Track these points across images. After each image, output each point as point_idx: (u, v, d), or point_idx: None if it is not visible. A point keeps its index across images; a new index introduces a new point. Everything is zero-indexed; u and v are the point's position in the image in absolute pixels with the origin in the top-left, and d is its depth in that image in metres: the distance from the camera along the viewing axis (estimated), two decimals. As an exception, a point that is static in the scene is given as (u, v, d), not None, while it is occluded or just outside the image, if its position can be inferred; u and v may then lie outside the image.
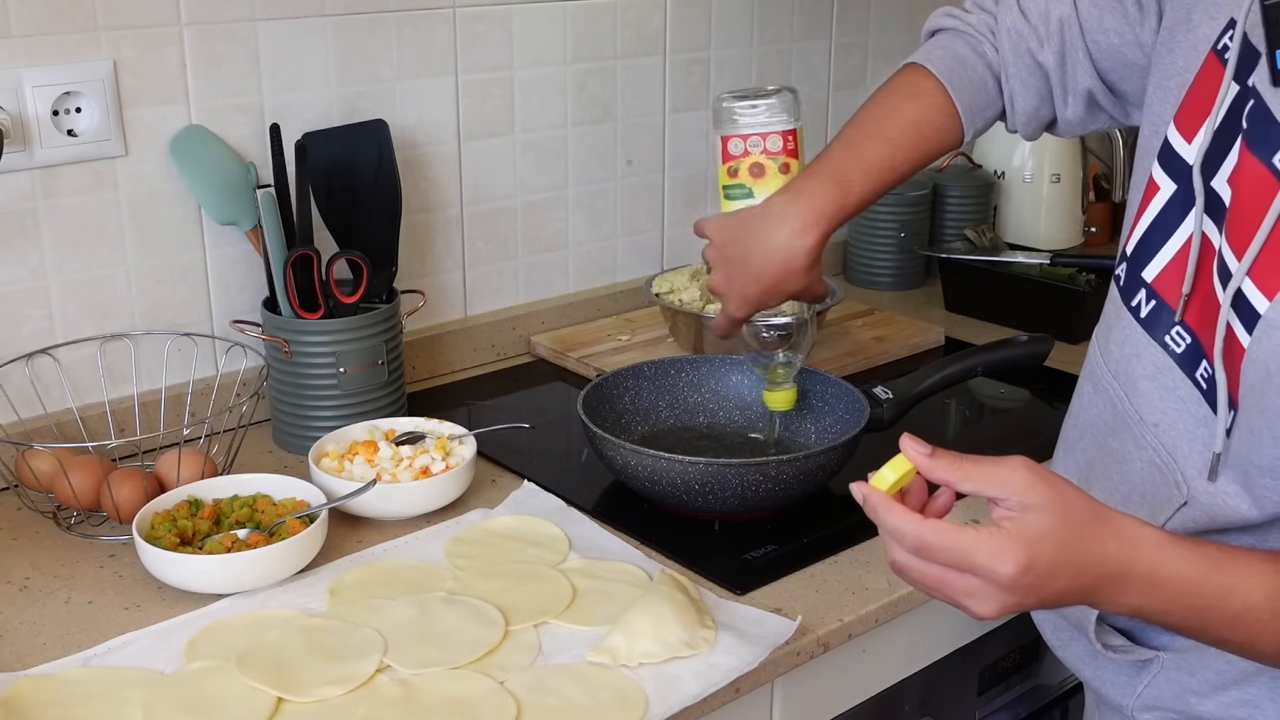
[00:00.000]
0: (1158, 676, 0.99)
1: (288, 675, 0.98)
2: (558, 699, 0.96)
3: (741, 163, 1.20)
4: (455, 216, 1.61)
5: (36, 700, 0.95)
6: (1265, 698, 0.93)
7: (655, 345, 1.66)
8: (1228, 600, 0.81)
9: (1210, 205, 0.91)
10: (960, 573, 0.79)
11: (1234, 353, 0.87)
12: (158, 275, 1.38)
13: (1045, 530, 0.78)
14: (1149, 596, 0.81)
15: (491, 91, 1.59)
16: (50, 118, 1.27)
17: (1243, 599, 0.80)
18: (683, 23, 1.75)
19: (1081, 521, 0.79)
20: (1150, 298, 0.96)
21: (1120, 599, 0.81)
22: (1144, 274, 0.97)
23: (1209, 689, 0.96)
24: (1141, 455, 0.96)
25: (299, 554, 1.11)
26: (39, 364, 1.31)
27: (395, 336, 1.40)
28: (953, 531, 0.78)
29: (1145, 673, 1.00)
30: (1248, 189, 0.87)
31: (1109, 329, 1.02)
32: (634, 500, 1.26)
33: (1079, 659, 1.07)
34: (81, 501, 1.20)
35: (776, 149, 1.19)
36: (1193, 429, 0.92)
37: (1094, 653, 1.03)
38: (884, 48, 2.01)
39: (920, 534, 0.78)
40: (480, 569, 1.14)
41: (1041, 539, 0.77)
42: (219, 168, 1.37)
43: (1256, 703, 0.94)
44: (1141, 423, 0.96)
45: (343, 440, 1.29)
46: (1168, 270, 0.95)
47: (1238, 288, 0.86)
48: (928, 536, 0.78)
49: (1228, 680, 0.95)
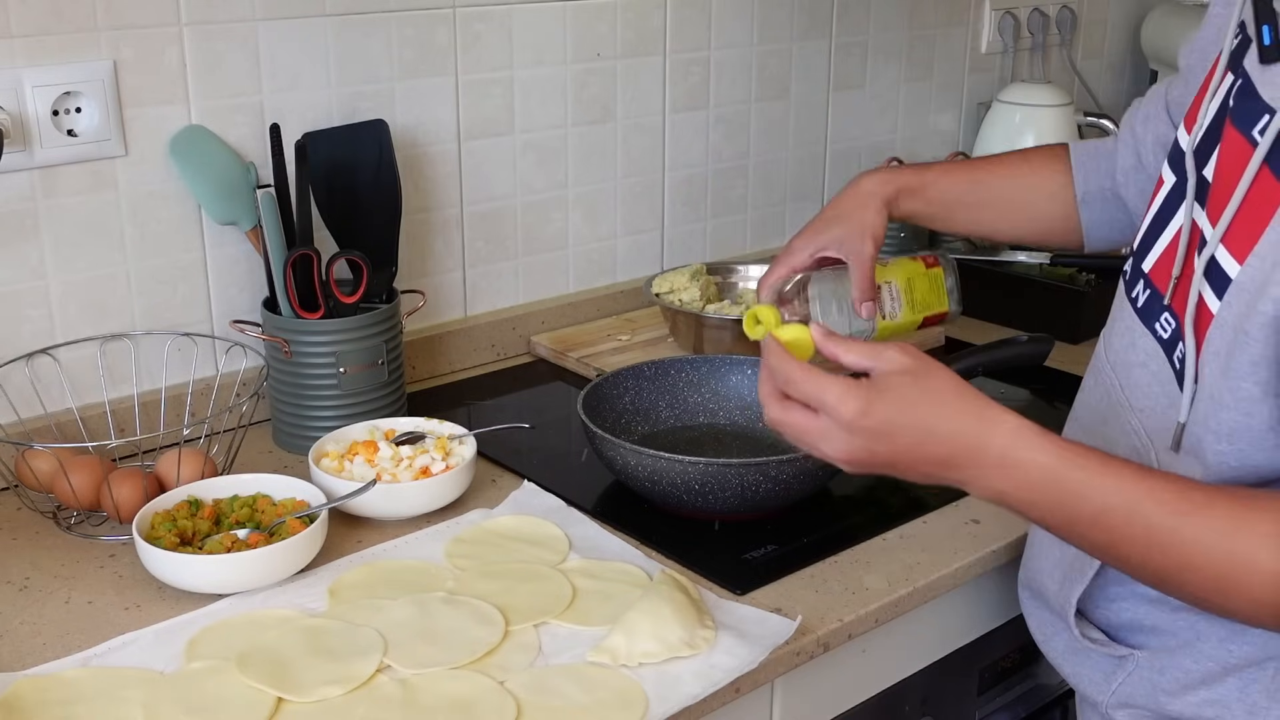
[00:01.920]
0: (1132, 675, 1.00)
1: (288, 675, 0.98)
2: (558, 699, 0.96)
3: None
4: (455, 216, 1.61)
5: (36, 700, 0.95)
6: (1234, 698, 0.94)
7: (655, 345, 1.66)
8: (1087, 498, 0.83)
9: (1200, 191, 0.92)
10: (815, 414, 0.87)
11: (1203, 321, 0.88)
12: (158, 275, 1.38)
13: (897, 386, 0.86)
14: (1008, 481, 0.85)
15: (491, 91, 1.59)
16: (50, 118, 1.27)
17: (1101, 499, 0.83)
18: (683, 23, 1.75)
19: (940, 390, 0.86)
20: (1146, 287, 0.98)
21: (982, 481, 0.86)
22: (1143, 265, 0.99)
23: (1178, 688, 0.97)
24: (1125, 441, 0.98)
25: (299, 554, 1.11)
26: (39, 364, 1.31)
27: (395, 336, 1.40)
28: (815, 373, 0.87)
29: (1120, 670, 1.01)
30: (1227, 162, 0.89)
31: (1113, 322, 1.05)
32: (634, 500, 1.26)
33: (1060, 654, 1.09)
34: (81, 501, 1.20)
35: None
36: (1165, 409, 0.94)
37: (1074, 648, 1.05)
38: (884, 48, 2.01)
39: (789, 372, 0.88)
40: (480, 569, 1.14)
41: (890, 390, 0.85)
42: (219, 168, 1.37)
43: (1225, 703, 0.95)
44: (1129, 409, 0.98)
45: (343, 440, 1.29)
46: (1161, 259, 0.96)
47: (1211, 255, 0.88)
48: (794, 374, 0.88)
49: (1195, 680, 0.96)
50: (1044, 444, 0.84)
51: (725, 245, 1.91)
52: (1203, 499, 0.83)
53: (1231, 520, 0.81)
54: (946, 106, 2.14)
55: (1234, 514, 0.81)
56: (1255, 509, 0.81)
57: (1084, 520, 0.84)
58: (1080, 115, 2.09)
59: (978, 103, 2.17)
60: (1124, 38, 2.39)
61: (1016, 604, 1.18)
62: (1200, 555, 0.82)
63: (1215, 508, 0.82)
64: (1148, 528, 0.82)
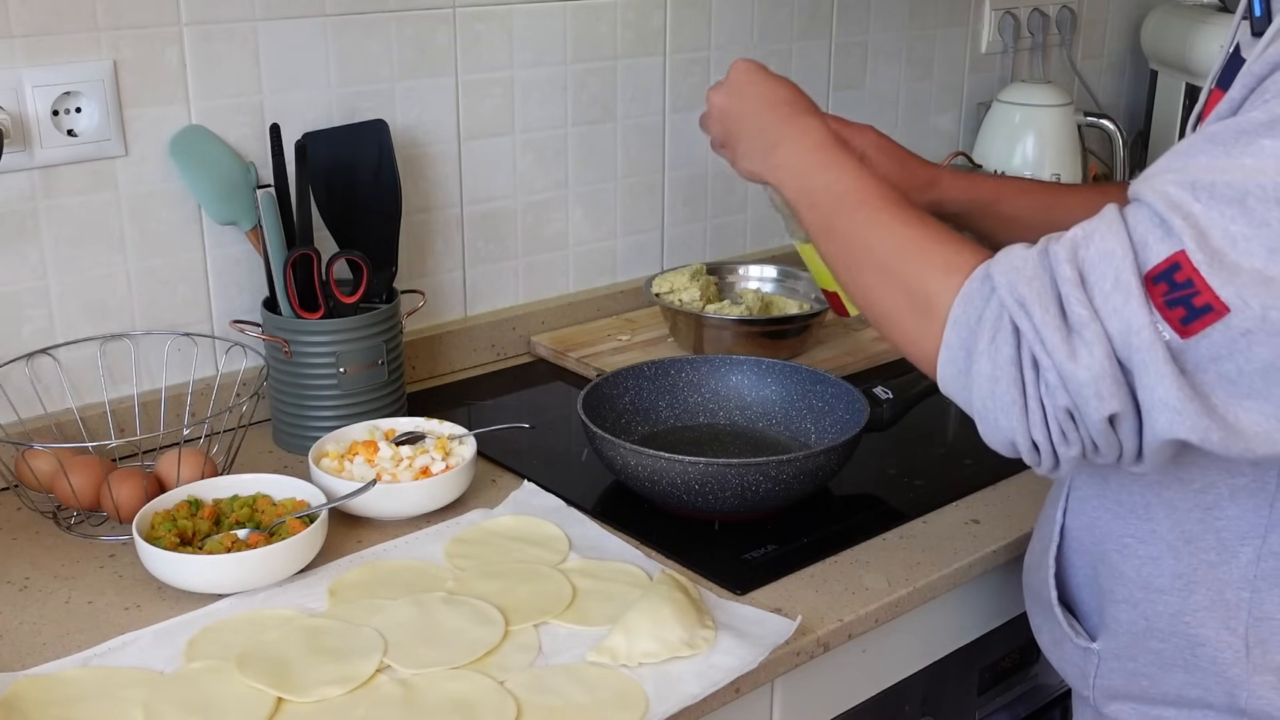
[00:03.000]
0: (1100, 666, 1.01)
1: (288, 675, 0.98)
2: (558, 699, 0.96)
3: None
4: (455, 216, 1.61)
5: (36, 700, 0.95)
6: (1212, 681, 0.95)
7: (655, 345, 1.66)
8: (841, 180, 1.00)
9: None
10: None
11: None
12: (158, 275, 1.38)
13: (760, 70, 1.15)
14: (805, 142, 1.05)
15: (491, 91, 1.59)
16: (50, 118, 1.27)
17: (850, 180, 1.00)
18: (683, 23, 1.75)
19: (785, 86, 1.13)
20: None
21: (791, 139, 1.07)
22: None
23: (1155, 669, 0.97)
24: None
25: (299, 554, 1.11)
26: (39, 364, 1.31)
27: (395, 336, 1.40)
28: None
29: (1088, 663, 1.03)
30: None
31: None
32: (634, 500, 1.26)
33: (1048, 645, 1.10)
34: (81, 501, 1.20)
35: None
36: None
37: (1057, 638, 1.06)
38: (884, 48, 2.01)
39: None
40: (480, 569, 1.14)
41: (756, 69, 1.15)
42: (219, 168, 1.37)
43: (1205, 685, 0.95)
44: None
45: (343, 440, 1.29)
46: None
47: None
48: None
49: (1167, 661, 0.96)
50: (830, 133, 1.06)
51: (725, 245, 1.91)
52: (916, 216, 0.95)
53: (926, 239, 0.92)
54: (946, 106, 2.14)
55: (928, 235, 0.93)
56: (940, 242, 0.92)
57: (839, 209, 0.99)
58: (1080, 115, 2.09)
59: (978, 103, 2.17)
60: (1124, 38, 2.39)
61: (1016, 604, 1.18)
62: (894, 258, 0.93)
63: (922, 225, 0.94)
64: (871, 214, 0.97)
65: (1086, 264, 0.80)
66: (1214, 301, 0.75)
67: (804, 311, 1.64)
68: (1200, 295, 0.76)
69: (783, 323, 1.61)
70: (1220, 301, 0.75)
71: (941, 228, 0.94)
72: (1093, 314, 0.79)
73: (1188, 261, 0.76)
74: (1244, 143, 0.77)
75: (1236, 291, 0.75)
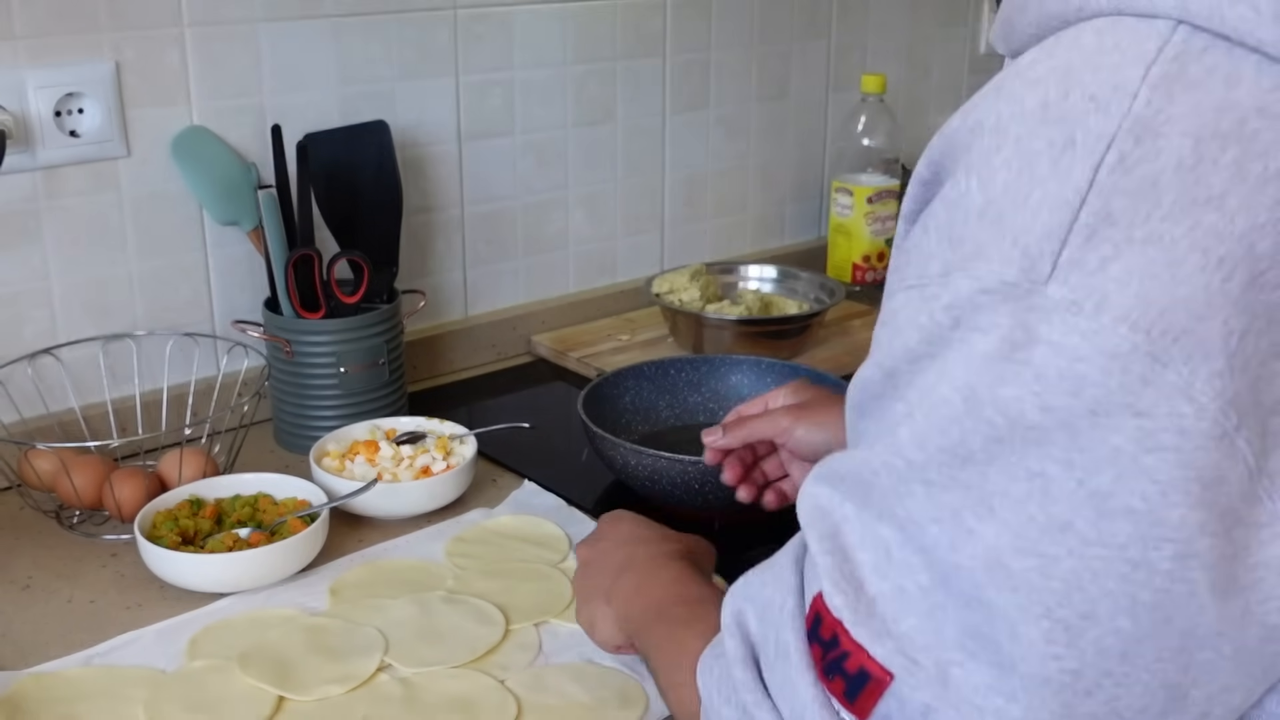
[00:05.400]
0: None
1: (289, 674, 0.98)
2: (558, 698, 0.96)
3: None
4: (456, 217, 1.61)
5: (39, 699, 0.96)
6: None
7: (655, 345, 1.67)
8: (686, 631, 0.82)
9: None
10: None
11: None
12: (160, 276, 1.39)
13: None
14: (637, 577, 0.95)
15: (492, 92, 1.59)
16: (53, 118, 1.27)
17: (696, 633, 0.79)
18: (683, 23, 1.75)
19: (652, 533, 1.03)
20: None
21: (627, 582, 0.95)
22: None
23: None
24: None
25: (300, 553, 1.12)
26: (41, 364, 1.31)
27: (396, 336, 1.40)
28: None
29: None
30: None
31: None
32: (634, 500, 1.26)
33: None
34: (84, 501, 1.21)
35: None
36: None
37: None
38: (883, 48, 2.01)
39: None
40: (480, 568, 1.14)
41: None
42: (220, 168, 1.37)
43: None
44: None
45: (344, 440, 1.29)
46: None
47: None
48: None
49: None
50: (687, 579, 0.93)
51: (725, 245, 1.91)
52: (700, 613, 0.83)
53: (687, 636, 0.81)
54: (946, 106, 2.14)
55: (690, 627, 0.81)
56: (694, 626, 0.81)
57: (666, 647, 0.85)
58: (1080, 115, 2.09)
59: (977, 103, 2.17)
60: (1124, 38, 2.39)
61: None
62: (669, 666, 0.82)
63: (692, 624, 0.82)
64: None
65: (753, 628, 0.66)
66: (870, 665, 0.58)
67: (804, 311, 1.64)
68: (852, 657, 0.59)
69: (783, 323, 1.61)
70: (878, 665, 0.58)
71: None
72: (761, 697, 0.64)
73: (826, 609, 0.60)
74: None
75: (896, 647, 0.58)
